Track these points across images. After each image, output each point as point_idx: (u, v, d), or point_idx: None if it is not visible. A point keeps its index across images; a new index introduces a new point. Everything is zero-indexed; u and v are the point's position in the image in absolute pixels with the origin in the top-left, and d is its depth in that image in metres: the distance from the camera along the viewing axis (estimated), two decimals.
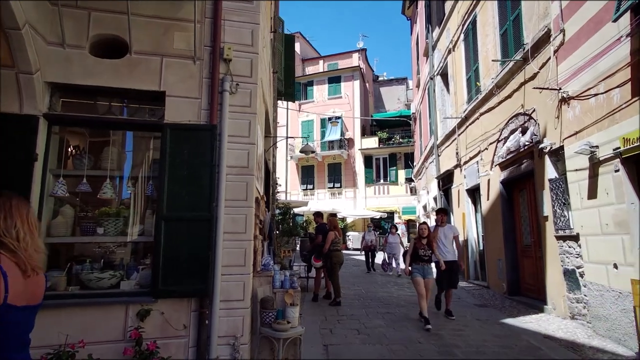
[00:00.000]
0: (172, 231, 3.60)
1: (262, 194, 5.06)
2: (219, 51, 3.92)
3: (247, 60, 4.06)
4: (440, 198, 12.71)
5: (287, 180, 28.32)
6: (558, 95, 5.78)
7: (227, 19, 4.04)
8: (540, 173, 6.40)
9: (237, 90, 3.97)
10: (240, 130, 3.95)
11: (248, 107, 4.01)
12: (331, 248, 7.22)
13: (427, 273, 5.90)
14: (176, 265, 3.56)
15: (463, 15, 10.11)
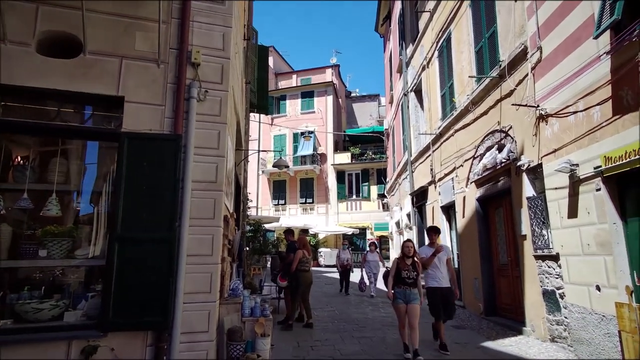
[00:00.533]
0: (128, 253, 3.18)
1: (231, 212, 4.69)
2: (186, 54, 3.59)
3: (217, 66, 3.73)
4: (414, 215, 12.60)
5: (258, 195, 27.81)
6: (536, 113, 5.73)
7: (196, 21, 3.72)
8: (518, 191, 6.31)
9: (205, 98, 3.63)
10: (208, 141, 3.60)
11: (217, 116, 3.66)
12: (299, 268, 6.80)
13: (411, 298, 5.05)
14: (131, 292, 3.12)
15: (437, 33, 10.16)
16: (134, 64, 3.47)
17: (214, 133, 3.63)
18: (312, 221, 26.03)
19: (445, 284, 5.55)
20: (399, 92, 15.28)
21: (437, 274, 5.57)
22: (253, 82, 8.80)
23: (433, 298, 5.53)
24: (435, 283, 5.55)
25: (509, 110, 6.60)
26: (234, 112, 4.70)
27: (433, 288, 5.55)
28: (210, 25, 3.76)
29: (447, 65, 9.60)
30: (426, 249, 5.79)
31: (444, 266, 5.62)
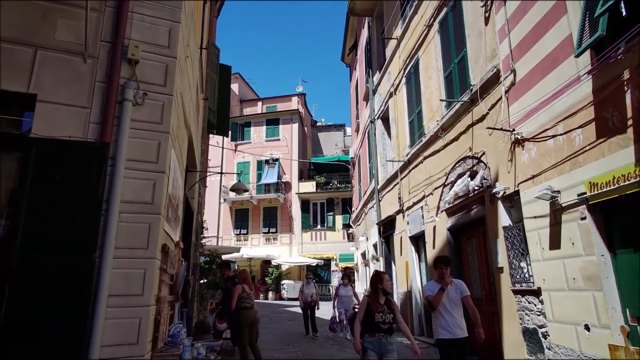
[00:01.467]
0: (27, 290, 2.43)
1: (177, 240, 3.98)
2: (121, 49, 2.98)
3: (160, 65, 3.14)
4: (381, 245, 12.12)
5: (219, 224, 26.69)
6: (511, 137, 5.45)
7: (137, 12, 3.15)
8: (493, 220, 5.95)
9: (144, 101, 3.01)
10: (145, 153, 2.96)
11: (158, 123, 3.05)
12: (239, 305, 5.96)
13: (387, 350, 3.94)
14: (28, 342, 2.36)
15: (405, 59, 10.04)
16: (53, 56, 2.83)
17: (153, 144, 3.00)
18: (275, 252, 25.11)
19: (460, 334, 4.22)
20: (365, 119, 15.11)
21: (448, 320, 4.22)
22: (213, 101, 8.21)
23: (444, 354, 4.25)
24: (446, 333, 4.21)
25: (482, 135, 6.34)
26: (183, 124, 4.08)
27: (443, 340, 4.25)
28: (155, 19, 3.19)
29: (415, 92, 9.42)
30: (433, 285, 4.42)
31: (458, 309, 4.28)
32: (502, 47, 5.75)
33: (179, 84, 3.47)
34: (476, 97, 6.39)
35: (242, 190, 7.16)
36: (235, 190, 7.12)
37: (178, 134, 3.69)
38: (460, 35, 7.15)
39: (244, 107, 30.53)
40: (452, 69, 7.44)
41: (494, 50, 6.02)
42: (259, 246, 25.76)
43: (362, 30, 16.16)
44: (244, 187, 7.17)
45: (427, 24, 8.57)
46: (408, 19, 9.80)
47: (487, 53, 6.20)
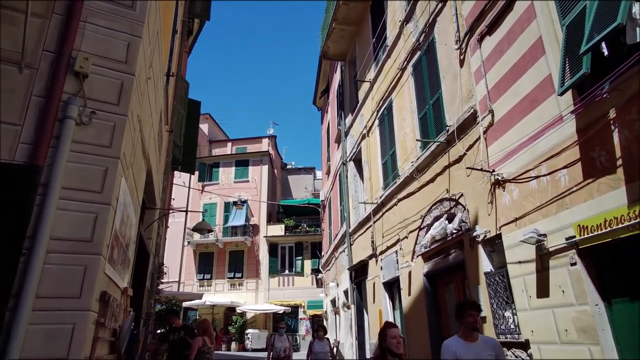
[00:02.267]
0: None
1: (124, 286, 3.40)
2: (67, 60, 2.57)
3: (114, 82, 2.74)
4: (352, 292, 11.56)
5: (181, 268, 25.32)
6: (490, 178, 5.27)
7: (90, 22, 2.77)
8: (474, 265, 5.64)
9: (91, 121, 2.57)
10: (87, 180, 2.48)
11: (107, 147, 2.60)
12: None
13: None
14: None
15: (378, 101, 10.04)
16: None
17: (98, 170, 2.53)
18: (240, 298, 23.88)
19: None
20: (336, 162, 14.96)
21: None
22: (179, 136, 7.78)
23: None
24: None
25: (459, 176, 6.16)
26: (141, 153, 3.62)
27: None
28: (112, 31, 2.82)
29: (388, 133, 9.34)
30: (458, 344, 3.41)
31: None
32: (479, 88, 5.70)
33: (137, 105, 3.06)
34: (453, 138, 6.27)
35: (206, 231, 6.60)
36: (198, 231, 6.53)
37: (133, 162, 3.22)
38: (435, 78, 7.15)
39: (213, 148, 30.09)
40: (427, 110, 7.39)
41: (470, 92, 5.97)
42: (223, 292, 24.45)
43: (335, 75, 16.41)
44: (208, 227, 6.62)
45: (401, 67, 8.63)
46: (381, 63, 9.89)
47: (463, 94, 6.16)
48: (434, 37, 7.25)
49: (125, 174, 2.93)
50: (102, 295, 2.52)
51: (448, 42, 6.73)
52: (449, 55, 6.70)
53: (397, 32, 8.93)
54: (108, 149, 2.58)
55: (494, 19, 5.38)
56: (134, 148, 3.17)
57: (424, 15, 7.63)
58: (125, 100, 2.74)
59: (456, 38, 6.38)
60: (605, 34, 3.23)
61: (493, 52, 5.41)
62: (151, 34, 3.37)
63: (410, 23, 8.36)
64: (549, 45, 4.34)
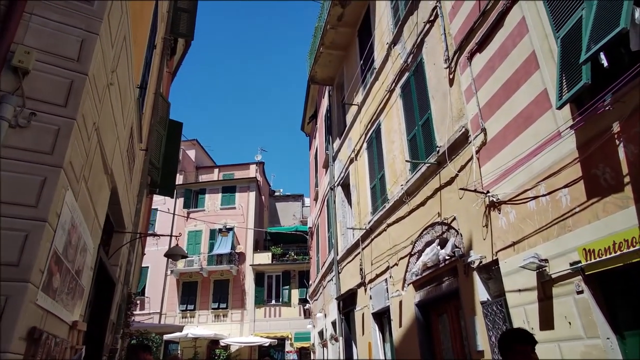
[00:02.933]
0: None
1: (73, 320, 2.94)
2: (4, 54, 2.21)
3: (62, 81, 2.39)
4: (340, 323, 10.99)
5: (163, 299, 24.33)
6: (485, 200, 4.97)
7: (37, 14, 2.44)
8: (469, 294, 5.25)
9: (29, 123, 2.21)
10: (18, 192, 2.08)
11: (47, 154, 2.23)
12: None
13: None
14: None
15: (366, 124, 9.83)
16: None
17: (34, 180, 2.14)
18: (224, 330, 22.88)
19: None
20: (324, 187, 14.64)
21: None
22: (157, 157, 7.39)
23: None
24: None
25: (451, 199, 5.85)
26: (102, 168, 3.24)
27: None
28: (63, 25, 2.49)
29: (377, 156, 9.08)
30: None
31: None
32: (470, 106, 5.48)
33: (92, 111, 2.70)
34: (444, 159, 6.00)
35: (179, 257, 6.10)
36: (171, 256, 6.04)
37: (88, 177, 2.83)
38: (424, 98, 6.96)
39: (199, 174, 29.62)
40: (416, 132, 7.16)
41: (460, 110, 5.75)
42: (206, 324, 23.43)
43: (322, 100, 16.32)
44: (181, 252, 6.13)
45: (389, 89, 8.47)
46: (369, 86, 9.75)
47: (453, 113, 5.94)
48: (422, 58, 7.10)
49: (74, 188, 2.53)
50: (31, 333, 2.07)
51: (437, 62, 6.57)
52: (437, 74, 6.52)
53: (385, 55, 8.82)
54: (48, 156, 2.21)
55: (484, 36, 5.22)
56: (88, 160, 2.79)
57: (412, 37, 7.52)
58: (74, 102, 2.38)
59: (445, 57, 6.21)
60: (607, 41, 3.00)
61: (484, 69, 5.22)
62: (115, 37, 3.06)
63: (397, 45, 8.25)
64: (543, 59, 4.14)
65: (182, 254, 6.11)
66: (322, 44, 12.27)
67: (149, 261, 24.94)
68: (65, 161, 2.27)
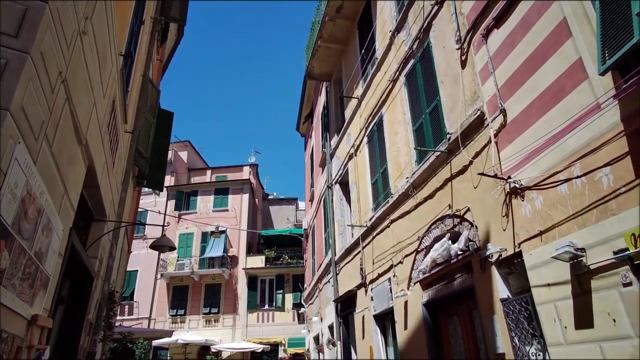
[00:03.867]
0: None
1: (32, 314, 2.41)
2: None
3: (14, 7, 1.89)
4: (338, 327, 10.46)
5: (153, 303, 23.58)
6: (505, 187, 4.52)
7: None
8: (486, 291, 4.78)
9: None
10: None
11: None
12: None
13: None
14: None
15: (367, 118, 9.39)
16: None
17: None
18: (215, 335, 22.19)
19: None
20: (321, 187, 14.16)
21: None
22: (145, 147, 6.87)
23: None
24: None
25: (464, 189, 5.40)
26: (74, 135, 2.73)
27: None
28: None
29: (378, 150, 8.63)
30: None
31: None
32: (486, 87, 5.05)
33: (56, 55, 2.20)
34: (455, 146, 5.57)
35: (167, 248, 5.56)
36: (157, 248, 5.50)
37: (51, 139, 2.33)
38: (432, 85, 6.53)
39: (192, 176, 28.94)
40: (423, 120, 6.71)
41: (474, 93, 5.32)
42: (197, 329, 22.71)
43: (319, 98, 15.88)
44: (169, 244, 5.59)
45: (392, 79, 8.04)
46: (370, 77, 9.32)
47: (466, 97, 5.50)
48: (429, 42, 6.68)
49: (31, 146, 2.03)
50: None
51: (446, 44, 6.15)
52: (447, 58, 6.10)
53: (388, 43, 8.40)
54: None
55: (503, 10, 4.80)
56: (53, 118, 2.28)
57: (418, 21, 7.10)
58: (30, 35, 1.89)
59: (457, 38, 5.79)
60: None
61: (503, 46, 4.79)
62: None
63: (402, 32, 7.83)
64: (577, 25, 3.71)
65: (170, 244, 5.56)
66: (320, 37, 11.84)
67: (138, 264, 24.24)
68: (14, 103, 1.76)
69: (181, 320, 23.27)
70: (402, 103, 7.54)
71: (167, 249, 5.50)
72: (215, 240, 23.58)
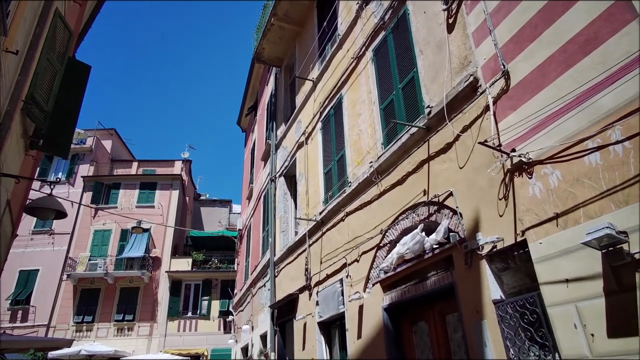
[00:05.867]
0: None
1: None
2: None
3: None
4: (273, 336, 9.21)
5: (54, 309, 20.55)
6: (505, 163, 3.71)
7: None
8: (472, 291, 3.90)
9: None
10: None
11: None
12: None
13: None
14: None
15: (322, 102, 8.41)
16: None
17: None
18: (128, 346, 19.71)
19: None
20: (261, 182, 12.92)
21: None
22: (47, 97, 5.29)
23: None
24: None
25: (445, 171, 4.56)
26: None
27: None
28: None
29: (334, 136, 7.66)
30: None
31: None
32: (482, 50, 4.26)
33: None
34: (436, 122, 4.74)
35: (52, 212, 4.01)
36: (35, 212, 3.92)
37: None
38: (407, 56, 5.70)
39: (115, 168, 26.00)
40: (394, 97, 5.85)
41: (465, 59, 4.52)
42: (106, 338, 20.05)
43: (266, 87, 14.71)
44: (58, 207, 4.04)
45: (356, 56, 7.15)
46: (329, 57, 8.38)
47: (452, 65, 4.69)
48: (406, 10, 5.87)
49: None
50: None
51: (428, 9, 5.36)
52: (429, 24, 5.30)
53: (353, 18, 7.53)
54: None
55: None
56: None
57: None
58: None
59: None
60: None
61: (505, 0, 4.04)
62: None
63: (371, 3, 6.99)
64: None
65: (58, 208, 4.02)
66: (274, 15, 10.73)
67: (40, 263, 21.12)
68: None
69: (87, 328, 20.44)
70: (368, 81, 6.66)
71: (51, 214, 3.96)
72: (136, 239, 21.19)
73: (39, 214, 3.93)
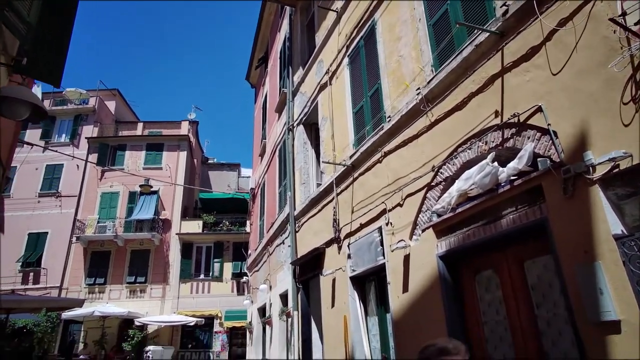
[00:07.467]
0: None
1: None
2: None
3: None
4: (295, 294, 8.56)
5: (65, 271, 20.29)
6: (634, 54, 2.74)
7: None
8: (577, 226, 3.03)
9: None
10: None
11: None
12: None
13: None
14: None
15: (349, 34, 7.34)
16: None
17: None
18: (141, 308, 19.52)
19: None
20: (276, 135, 12.00)
21: None
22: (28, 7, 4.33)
23: None
24: None
25: (529, 83, 3.60)
26: None
27: None
28: None
29: (365, 70, 6.65)
30: None
31: None
32: None
33: None
34: (515, 23, 3.73)
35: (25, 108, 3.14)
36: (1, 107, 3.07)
37: None
38: None
39: (120, 129, 25.13)
40: (449, 6, 4.81)
41: None
42: (119, 300, 19.86)
43: (278, 34, 13.50)
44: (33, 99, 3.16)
45: None
46: None
47: None
48: None
49: None
50: None
51: None
52: None
53: None
54: None
55: None
56: None
57: None
58: None
59: None
60: None
61: None
62: None
63: None
64: None
65: (33, 101, 3.12)
66: None
67: (49, 225, 20.71)
68: None
69: (100, 290, 20.23)
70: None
71: (25, 111, 3.06)
72: (145, 201, 20.61)
73: (7, 111, 3.04)
